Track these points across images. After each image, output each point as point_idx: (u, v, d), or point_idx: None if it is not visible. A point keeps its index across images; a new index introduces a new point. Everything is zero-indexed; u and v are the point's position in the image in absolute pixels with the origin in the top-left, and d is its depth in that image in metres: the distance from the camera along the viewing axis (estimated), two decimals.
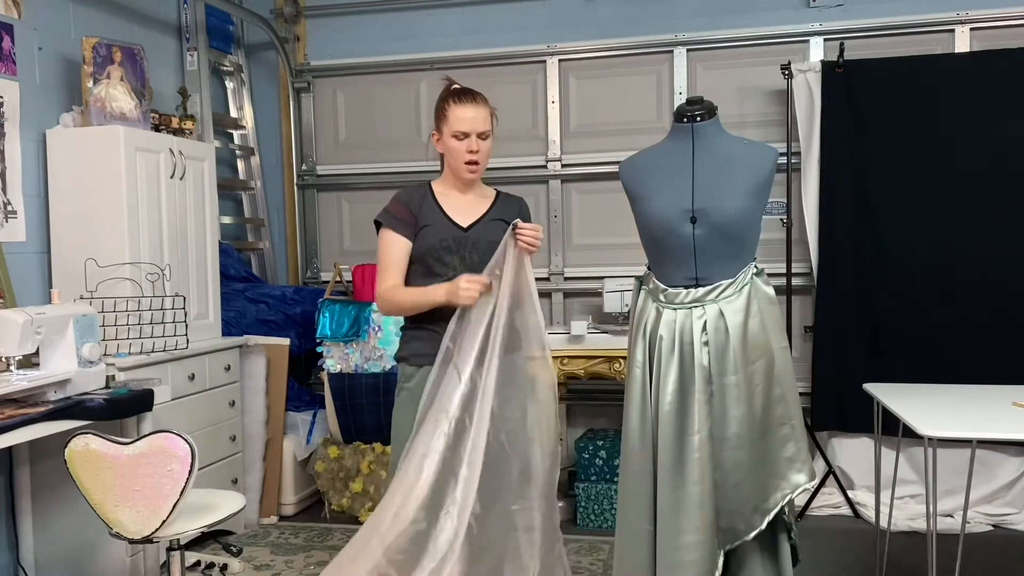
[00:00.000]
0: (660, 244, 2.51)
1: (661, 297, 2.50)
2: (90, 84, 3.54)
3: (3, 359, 2.84)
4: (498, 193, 2.65)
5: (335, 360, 4.17)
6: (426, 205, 2.55)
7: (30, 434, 2.68)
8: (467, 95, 2.52)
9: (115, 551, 3.24)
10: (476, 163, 2.51)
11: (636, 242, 2.62)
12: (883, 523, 3.35)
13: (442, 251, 2.49)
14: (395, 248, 2.52)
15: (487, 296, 2.39)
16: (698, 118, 2.52)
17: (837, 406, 4.24)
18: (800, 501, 4.14)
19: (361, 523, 4.04)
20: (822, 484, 4.23)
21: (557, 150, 4.76)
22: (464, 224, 2.52)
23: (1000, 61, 4.08)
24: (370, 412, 4.10)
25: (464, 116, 2.49)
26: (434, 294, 2.42)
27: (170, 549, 2.79)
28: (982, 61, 4.13)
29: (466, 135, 2.49)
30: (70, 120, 3.59)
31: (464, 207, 2.56)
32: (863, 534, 3.85)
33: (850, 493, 4.24)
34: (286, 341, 4.30)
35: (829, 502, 4.26)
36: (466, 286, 2.36)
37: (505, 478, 2.41)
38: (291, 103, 5.10)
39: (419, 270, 2.52)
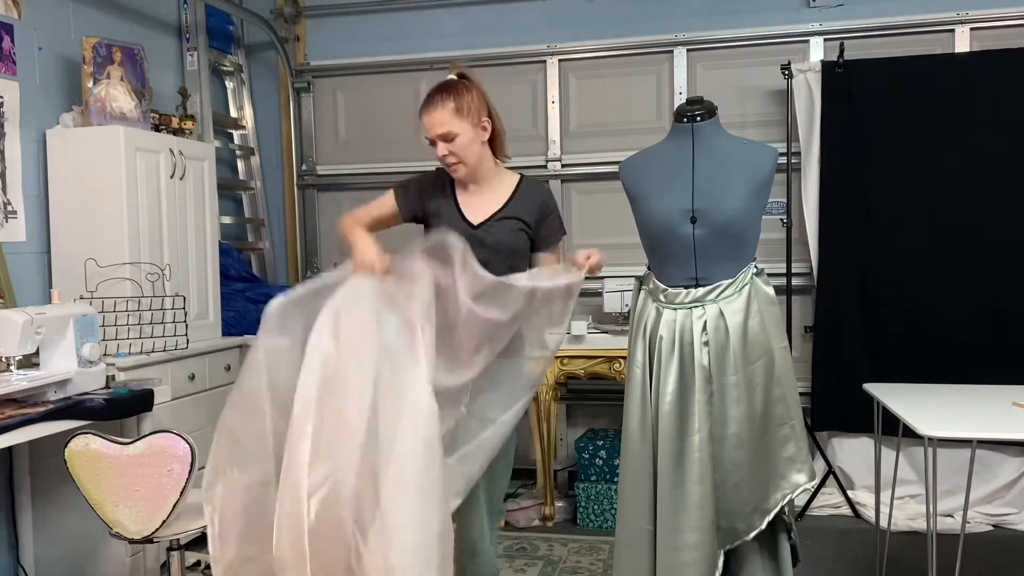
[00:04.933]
0: (660, 244, 2.51)
1: (661, 297, 2.50)
2: (90, 84, 3.54)
3: (3, 359, 2.84)
4: (520, 181, 2.53)
5: None
6: (444, 196, 2.50)
7: (30, 434, 2.68)
8: (427, 100, 2.44)
9: (115, 551, 3.24)
10: (451, 164, 2.44)
11: (636, 242, 2.62)
12: (883, 523, 3.35)
13: None
14: (383, 204, 2.52)
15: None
16: (698, 118, 2.51)
17: (837, 406, 4.24)
18: (800, 501, 4.14)
19: None
20: (822, 484, 4.23)
21: (557, 150, 4.76)
22: (475, 221, 2.46)
23: (1000, 61, 4.08)
24: None
25: (426, 123, 2.43)
26: (353, 242, 2.37)
27: (170, 549, 2.79)
28: (982, 61, 4.13)
29: (433, 141, 2.43)
30: (70, 120, 3.58)
31: (480, 201, 2.48)
32: (863, 534, 3.85)
33: (850, 493, 4.24)
34: None
35: (829, 502, 4.26)
36: (362, 263, 2.30)
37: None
38: (291, 103, 5.10)
39: None
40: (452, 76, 2.48)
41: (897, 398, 2.90)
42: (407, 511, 2.11)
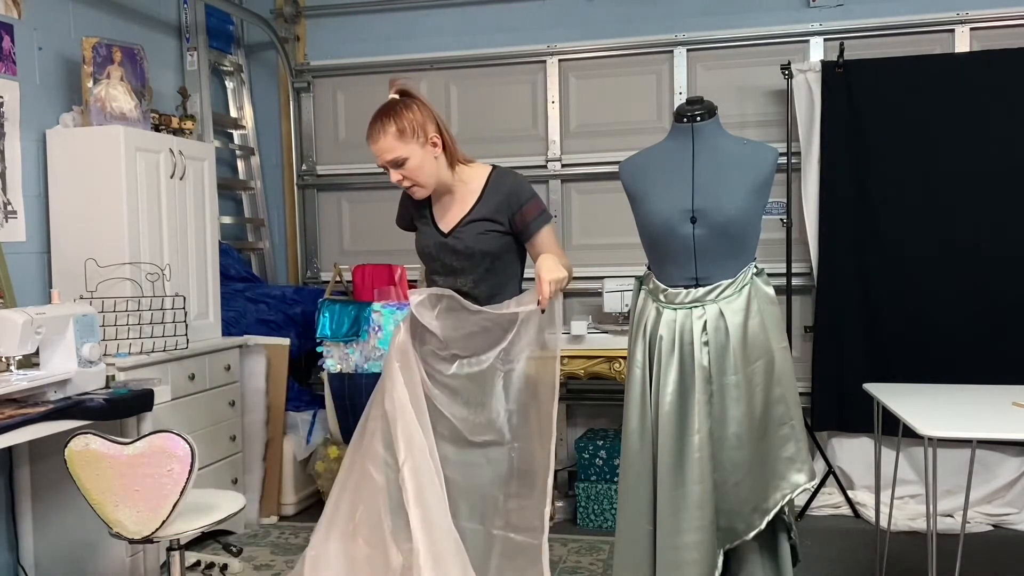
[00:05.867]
0: (660, 244, 2.51)
1: (661, 297, 2.50)
2: (90, 84, 3.54)
3: (3, 359, 2.84)
4: (490, 176, 2.50)
5: (335, 360, 4.17)
6: (422, 205, 2.56)
7: (30, 434, 2.67)
8: (369, 128, 2.42)
9: (115, 551, 3.24)
10: (409, 189, 2.46)
11: (636, 242, 2.62)
12: (883, 523, 3.35)
13: (426, 256, 2.54)
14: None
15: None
16: (698, 118, 2.52)
17: (837, 406, 4.24)
18: (800, 501, 4.15)
19: None
20: (822, 484, 4.23)
21: (557, 150, 4.76)
22: (445, 229, 2.49)
23: (1000, 61, 4.08)
24: None
25: (373, 151, 2.42)
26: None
27: (170, 549, 2.79)
28: (982, 61, 4.13)
29: (385, 168, 2.44)
30: (70, 120, 3.59)
31: (449, 208, 2.51)
32: (863, 534, 3.85)
33: (850, 493, 4.24)
34: (286, 341, 4.30)
35: (829, 502, 4.26)
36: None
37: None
38: (291, 103, 5.10)
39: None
40: (393, 95, 2.45)
41: (897, 398, 2.90)
42: None
